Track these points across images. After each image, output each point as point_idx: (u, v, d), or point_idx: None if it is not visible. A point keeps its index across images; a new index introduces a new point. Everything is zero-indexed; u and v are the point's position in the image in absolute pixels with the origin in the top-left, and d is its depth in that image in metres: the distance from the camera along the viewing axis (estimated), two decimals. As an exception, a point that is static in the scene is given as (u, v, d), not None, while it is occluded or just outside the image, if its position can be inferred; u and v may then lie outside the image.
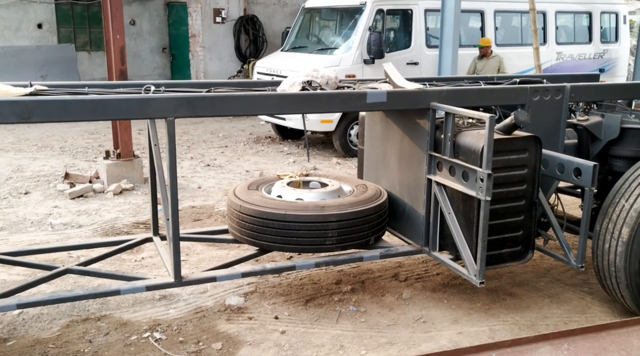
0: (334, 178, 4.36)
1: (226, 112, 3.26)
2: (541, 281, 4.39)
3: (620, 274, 3.53)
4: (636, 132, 3.89)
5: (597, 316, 3.86)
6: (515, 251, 3.61)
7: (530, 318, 3.80)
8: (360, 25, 9.02)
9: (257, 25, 14.47)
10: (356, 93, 3.50)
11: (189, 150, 9.36)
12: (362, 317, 3.83)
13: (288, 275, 4.35)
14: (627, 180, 3.58)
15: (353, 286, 4.24)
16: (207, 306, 3.90)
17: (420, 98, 3.61)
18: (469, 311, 3.91)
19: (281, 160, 8.76)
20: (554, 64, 11.13)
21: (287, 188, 3.96)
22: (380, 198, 3.92)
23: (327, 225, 3.59)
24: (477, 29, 10.33)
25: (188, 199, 6.49)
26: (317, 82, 3.62)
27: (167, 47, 14.80)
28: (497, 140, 3.35)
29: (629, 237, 3.45)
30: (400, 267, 4.60)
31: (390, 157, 4.13)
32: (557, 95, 3.90)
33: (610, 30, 11.96)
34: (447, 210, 3.59)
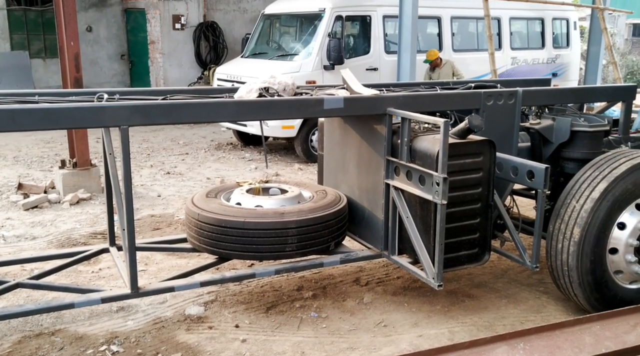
0: (294, 184, 4.35)
1: (182, 120, 3.22)
2: (499, 282, 4.48)
3: (572, 273, 3.63)
4: (585, 135, 4.02)
5: (552, 314, 3.95)
6: (472, 253, 3.67)
7: (488, 319, 3.87)
8: (320, 31, 9.07)
9: (217, 32, 14.39)
10: (313, 99, 3.52)
11: (149, 158, 9.22)
12: (324, 323, 3.83)
13: (249, 283, 4.32)
14: (578, 181, 3.68)
15: (314, 292, 4.24)
16: (166, 316, 3.84)
17: (376, 104, 3.65)
18: (428, 314, 3.96)
19: (243, 167, 8.71)
20: (509, 69, 11.39)
21: (246, 195, 3.94)
22: (340, 203, 3.93)
23: (286, 231, 3.59)
24: (434, 34, 10.50)
25: (147, 208, 6.39)
26: (275, 89, 3.62)
27: (126, 54, 14.56)
28: (452, 144, 3.41)
29: (580, 237, 3.55)
30: (361, 272, 4.63)
31: (349, 162, 4.16)
32: (510, 100, 3.99)
33: (562, 36, 12.32)
34: (405, 214, 3.62)
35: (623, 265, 3.68)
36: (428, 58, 9.61)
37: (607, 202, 3.54)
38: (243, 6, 14.84)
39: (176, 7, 13.75)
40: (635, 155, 3.67)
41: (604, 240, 3.60)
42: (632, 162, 3.59)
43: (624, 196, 3.57)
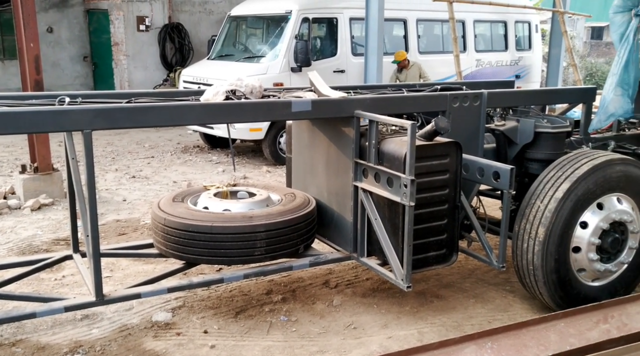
0: (262, 187, 4.32)
1: (147, 124, 3.17)
2: (466, 281, 4.53)
3: (537, 272, 3.69)
4: (548, 136, 4.09)
5: (518, 313, 4.01)
6: (440, 254, 3.70)
7: (456, 319, 3.91)
8: (287, 33, 9.04)
9: (182, 33, 14.22)
10: (281, 102, 3.50)
11: (114, 162, 9.05)
12: (293, 326, 3.81)
13: (217, 288, 4.27)
14: (542, 182, 3.75)
15: (284, 295, 4.22)
16: (132, 323, 3.76)
17: (344, 106, 3.65)
18: (398, 315, 3.97)
19: (210, 170, 8.62)
20: (474, 71, 11.56)
21: (213, 199, 3.89)
22: (309, 206, 3.92)
23: (255, 235, 3.56)
24: (400, 37, 10.59)
25: (112, 212, 6.26)
26: (241, 91, 3.59)
27: (89, 56, 14.28)
28: (419, 146, 3.43)
29: (545, 236, 3.62)
30: (330, 274, 4.62)
31: (317, 164, 4.15)
32: (476, 102, 4.04)
33: (524, 39, 12.57)
34: (373, 216, 3.63)
35: (586, 263, 3.77)
36: (396, 58, 9.68)
37: (570, 202, 3.62)
38: (209, 7, 14.71)
39: (140, 8, 13.54)
40: (596, 156, 3.75)
41: (567, 239, 3.68)
42: (593, 163, 3.67)
43: (586, 196, 3.65)
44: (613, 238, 3.79)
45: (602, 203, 3.74)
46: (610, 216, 3.74)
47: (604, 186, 3.71)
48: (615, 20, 4.46)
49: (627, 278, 3.99)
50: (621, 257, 3.88)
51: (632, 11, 4.36)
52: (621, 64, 4.40)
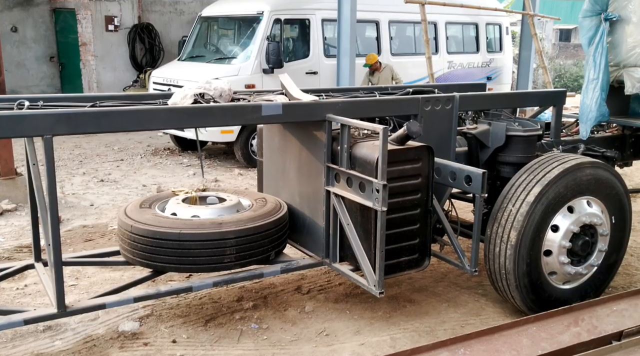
0: (233, 192, 4.24)
1: (111, 129, 3.06)
2: (439, 285, 4.51)
3: (509, 276, 3.69)
4: (520, 139, 4.09)
5: (490, 317, 4.00)
6: (412, 259, 3.67)
7: (429, 324, 3.88)
8: (259, 34, 8.95)
9: (152, 34, 13.99)
10: (250, 105, 3.42)
11: (82, 165, 8.84)
12: (264, 334, 3.74)
13: (187, 295, 4.17)
14: (513, 185, 3.75)
15: (255, 302, 4.14)
16: (98, 334, 3.64)
17: (315, 110, 3.59)
18: (370, 320, 3.93)
19: (180, 173, 8.48)
20: (445, 73, 11.63)
21: (182, 205, 3.80)
22: (280, 211, 3.85)
23: (225, 242, 3.47)
24: (373, 38, 10.58)
25: (79, 218, 6.09)
26: (210, 95, 3.50)
27: (55, 56, 13.93)
28: (391, 150, 3.39)
29: (517, 240, 3.61)
30: (303, 279, 4.56)
31: (289, 169, 4.08)
32: (448, 105, 4.03)
33: (495, 41, 12.70)
34: (345, 222, 3.58)
35: (557, 266, 3.78)
36: (367, 62, 9.67)
37: (542, 205, 3.62)
38: (180, 8, 14.50)
39: (109, 7, 13.28)
40: (567, 160, 3.77)
41: (539, 243, 3.68)
42: (563, 166, 3.68)
43: (557, 199, 3.66)
44: (583, 241, 3.81)
45: (572, 207, 3.76)
46: (580, 219, 3.75)
47: (575, 189, 3.72)
48: (584, 25, 4.49)
49: (597, 280, 4.02)
50: (591, 259, 3.90)
51: (600, 15, 4.39)
52: (600, 68, 4.41)
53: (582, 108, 4.41)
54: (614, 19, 4.33)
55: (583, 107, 4.41)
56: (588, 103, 4.35)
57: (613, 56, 4.48)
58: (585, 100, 4.39)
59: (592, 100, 4.33)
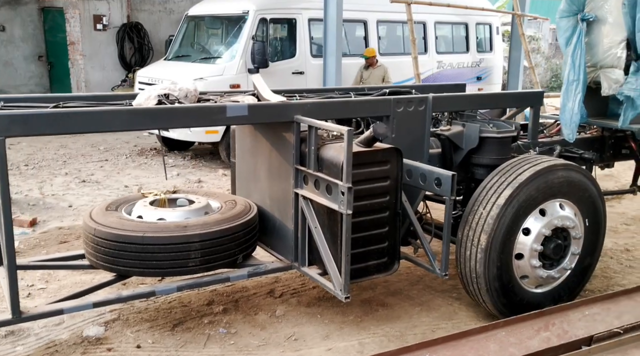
0: (204, 194, 4.18)
1: (70, 130, 3.01)
2: (414, 289, 4.46)
3: (480, 280, 3.63)
4: (493, 141, 4.04)
5: (463, 321, 3.95)
6: (381, 263, 3.61)
7: (399, 329, 3.83)
8: (244, 34, 8.89)
9: (142, 33, 13.93)
10: (215, 107, 3.36)
11: (65, 166, 8.77)
12: (232, 339, 3.68)
13: (156, 299, 4.11)
14: (485, 188, 3.70)
15: (225, 306, 4.08)
16: (61, 339, 3.58)
17: (283, 111, 3.53)
18: (341, 325, 3.87)
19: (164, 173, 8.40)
20: (435, 73, 11.58)
21: (148, 207, 3.73)
22: (249, 214, 3.79)
23: (189, 245, 3.41)
24: (361, 38, 10.52)
25: (56, 219, 6.02)
26: (175, 95, 3.44)
27: (44, 55, 13.86)
28: (358, 153, 3.34)
29: (487, 244, 3.56)
30: (277, 283, 4.50)
31: (260, 170, 4.03)
32: (421, 106, 3.97)
33: (485, 41, 12.65)
34: (313, 225, 3.53)
35: (528, 269, 3.72)
36: (365, 54, 9.63)
37: (512, 208, 3.57)
38: (169, 7, 14.43)
39: (97, 6, 13.20)
40: (539, 162, 3.72)
41: (510, 246, 3.63)
42: (535, 168, 3.63)
43: (528, 202, 3.61)
44: (555, 245, 3.76)
45: (544, 210, 3.71)
46: (552, 222, 3.70)
47: (546, 192, 3.67)
48: (561, 25, 4.44)
49: (571, 284, 3.97)
50: (564, 263, 3.85)
51: (577, 16, 4.34)
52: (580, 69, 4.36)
53: (564, 110, 4.36)
54: (591, 19, 4.28)
55: (565, 109, 4.35)
56: (570, 105, 4.30)
57: (590, 57, 4.43)
58: (566, 102, 4.33)
59: (574, 102, 4.27)
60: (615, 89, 4.30)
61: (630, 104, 4.24)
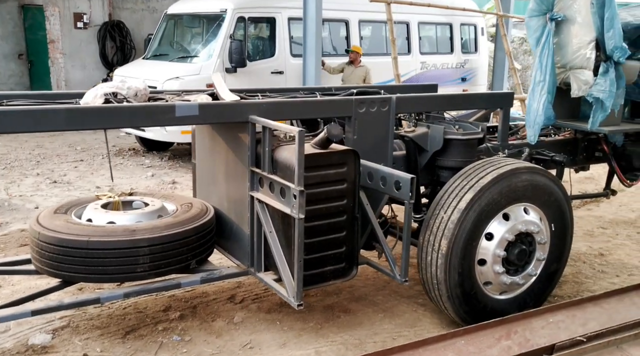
0: (161, 196, 4.05)
1: (4, 129, 2.86)
2: (379, 294, 4.34)
3: (441, 286, 3.52)
4: (458, 143, 3.93)
5: (426, 328, 3.84)
6: (338, 268, 3.49)
7: (360, 336, 3.70)
8: (222, 33, 8.75)
9: (124, 32, 13.75)
10: (163, 106, 3.23)
11: (38, 166, 8.61)
12: (185, 347, 3.55)
13: (111, 304, 3.97)
14: (447, 191, 3.58)
15: (183, 312, 3.95)
16: (5, 348, 3.43)
17: (237, 111, 3.41)
18: (300, 332, 3.75)
19: (139, 174, 8.27)
20: (418, 73, 11.47)
21: (99, 210, 3.60)
22: (204, 217, 3.66)
23: (137, 251, 3.28)
24: (343, 38, 10.40)
25: (19, 221, 5.87)
26: (123, 94, 3.31)
27: (24, 53, 13.65)
28: (312, 155, 3.23)
29: (448, 249, 3.45)
30: (239, 288, 4.37)
31: (218, 172, 3.90)
32: (384, 107, 3.85)
33: (470, 41, 12.55)
34: (268, 229, 3.40)
35: (492, 276, 3.61)
36: (352, 48, 9.51)
37: (474, 213, 3.46)
38: (152, 5, 14.25)
39: (78, 4, 13.02)
40: (502, 165, 3.61)
41: (471, 252, 3.52)
42: (497, 172, 3.52)
43: (490, 206, 3.50)
44: (520, 250, 3.65)
45: (508, 214, 3.60)
46: (516, 227, 3.60)
47: (510, 196, 3.56)
48: (530, 25, 4.34)
49: (537, 290, 3.87)
50: (529, 269, 3.75)
51: (546, 15, 4.23)
52: (546, 70, 4.25)
53: (529, 111, 4.25)
54: (559, 19, 4.18)
55: (530, 110, 4.24)
56: (535, 106, 4.19)
57: (560, 57, 4.32)
58: (532, 103, 4.22)
59: (539, 103, 4.16)
60: (584, 90, 4.20)
61: (599, 106, 4.14)
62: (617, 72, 4.08)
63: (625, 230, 6.06)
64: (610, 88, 4.02)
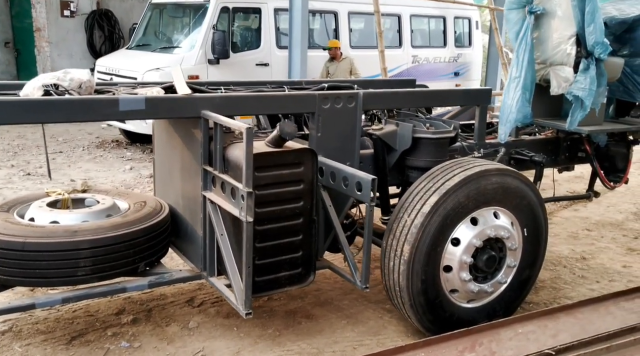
0: (116, 194, 3.85)
1: None
2: (346, 299, 4.14)
3: (404, 294, 3.32)
4: (427, 142, 3.73)
5: (389, 337, 3.64)
6: (294, 274, 3.29)
7: (318, 345, 3.51)
8: (205, 23, 8.53)
9: (112, 21, 13.50)
10: (105, 99, 3.02)
11: (14, 157, 8.41)
12: (133, 354, 3.36)
13: (60, 307, 3.78)
14: (411, 194, 3.38)
15: (136, 316, 3.76)
16: (-62, 354, 3.25)
17: (188, 105, 3.20)
18: (256, 339, 3.56)
19: (118, 167, 8.07)
20: (409, 67, 11.26)
21: (43, 209, 3.39)
22: (156, 217, 3.46)
23: (78, 253, 3.07)
24: (331, 30, 10.17)
25: (-17, 216, 5.66)
26: (64, 86, 3.10)
27: (11, 42, 13.42)
28: (264, 153, 3.03)
29: (410, 255, 3.24)
30: (199, 290, 4.18)
31: (174, 169, 3.70)
32: (350, 103, 3.64)
33: (464, 35, 12.32)
34: (219, 232, 3.20)
35: (458, 283, 3.41)
36: (330, 45, 9.32)
37: (439, 217, 3.25)
38: (142, -6, 13.99)
39: (64, -8, 12.78)
40: (471, 166, 3.40)
41: (436, 258, 3.31)
42: (465, 174, 3.31)
43: (457, 210, 3.29)
44: (489, 256, 3.45)
45: (476, 218, 3.39)
46: (485, 232, 3.39)
47: (478, 199, 3.35)
48: (510, 18, 4.12)
49: (508, 298, 3.67)
50: (498, 276, 3.55)
51: (525, 8, 4.01)
52: (522, 66, 4.04)
53: (503, 108, 4.04)
54: (539, 12, 3.95)
55: (504, 107, 4.03)
56: (509, 103, 3.98)
57: (540, 53, 4.11)
58: (506, 99, 4.02)
59: (513, 100, 3.95)
60: (564, 87, 3.99)
61: (578, 105, 3.93)
62: (599, 69, 3.87)
63: (611, 233, 5.86)
64: (590, 86, 3.80)
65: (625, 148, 4.65)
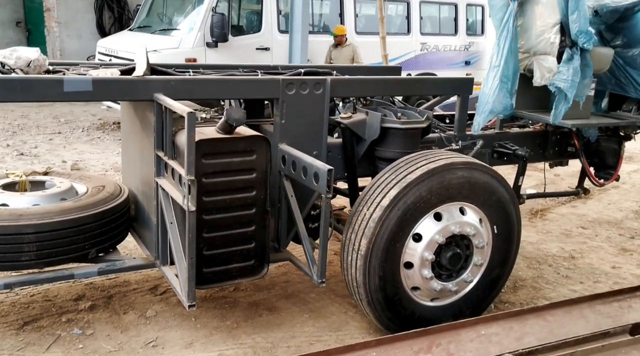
0: (77, 177, 3.76)
1: None
2: (313, 292, 4.02)
3: (361, 290, 3.19)
4: (397, 132, 3.55)
5: (350, 333, 3.52)
6: (247, 266, 3.18)
7: (273, 340, 3.40)
8: (204, 5, 8.39)
9: (122, 2, 13.45)
10: (48, 79, 2.92)
11: (12, 136, 8.43)
12: (83, 342, 3.29)
13: (19, 291, 3.72)
14: (373, 186, 3.23)
15: (95, 302, 3.69)
16: None
17: (138, 88, 3.08)
18: (212, 331, 3.46)
19: (112, 149, 8.02)
20: (418, 55, 10.99)
21: (-5, 191, 3.32)
22: (111, 202, 3.37)
23: (21, 237, 2.99)
24: (336, 15, 9.96)
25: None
26: (10, 64, 3.00)
27: (22, 21, 13.47)
28: (212, 140, 2.90)
29: (367, 250, 3.10)
30: (164, 278, 4.08)
31: (135, 154, 3.60)
32: (317, 89, 3.48)
33: (477, 23, 12.00)
34: (169, 220, 3.09)
35: (419, 281, 3.26)
36: (335, 32, 9.13)
37: (398, 211, 3.09)
38: (152, -25, 13.90)
39: (73, -28, 12.76)
40: (436, 159, 3.23)
41: (395, 253, 3.16)
42: (428, 167, 3.14)
43: (418, 205, 3.13)
44: (453, 254, 3.29)
45: (440, 214, 3.23)
46: (449, 228, 3.23)
47: (442, 194, 3.19)
48: (493, 4, 3.92)
49: (475, 298, 3.51)
50: (464, 274, 3.38)
51: (510, -7, 3.80)
52: (502, 54, 3.84)
53: (480, 98, 3.84)
54: (523, -3, 3.74)
55: (481, 97, 3.84)
56: (486, 92, 3.78)
57: (524, 41, 3.89)
58: (484, 89, 3.82)
59: (490, 90, 3.76)
60: (548, 78, 3.77)
61: (562, 97, 3.72)
62: (583, 59, 3.64)
63: (607, 231, 5.63)
64: (573, 77, 3.59)
65: (617, 144, 4.42)
